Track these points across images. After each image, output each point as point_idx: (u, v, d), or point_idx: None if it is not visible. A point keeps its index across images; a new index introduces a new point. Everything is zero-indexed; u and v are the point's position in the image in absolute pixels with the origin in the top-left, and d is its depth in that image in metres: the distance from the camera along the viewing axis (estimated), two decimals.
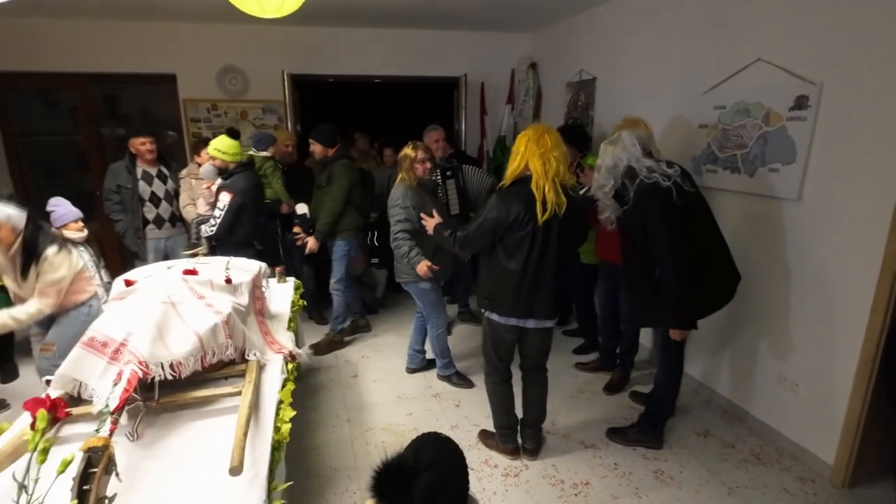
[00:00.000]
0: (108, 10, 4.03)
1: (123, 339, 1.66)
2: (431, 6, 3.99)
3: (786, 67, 2.49)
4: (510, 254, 2.24)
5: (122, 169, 3.72)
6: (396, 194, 2.97)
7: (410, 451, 1.14)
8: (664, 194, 2.22)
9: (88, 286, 2.74)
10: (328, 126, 3.58)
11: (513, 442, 2.59)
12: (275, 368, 1.99)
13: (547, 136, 2.17)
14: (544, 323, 2.37)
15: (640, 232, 2.29)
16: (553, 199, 2.13)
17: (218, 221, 3.15)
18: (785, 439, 2.64)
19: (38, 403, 1.27)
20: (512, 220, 2.17)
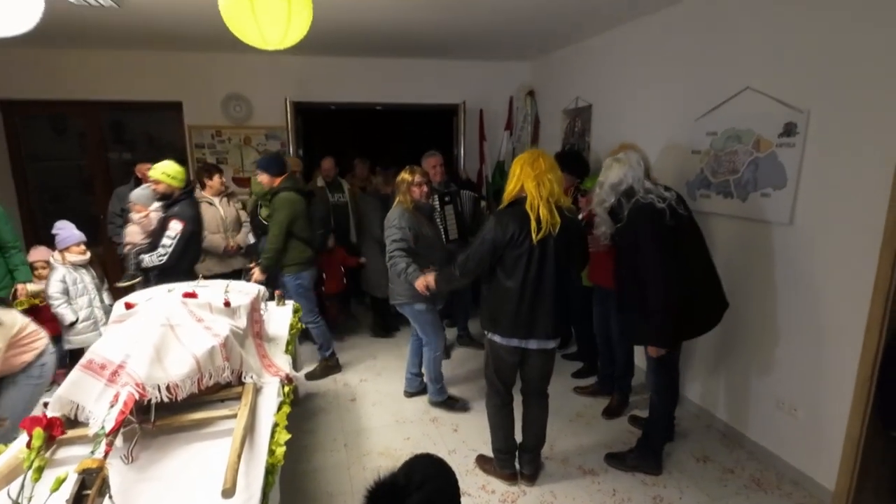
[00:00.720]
0: (117, 41, 4.16)
1: (122, 361, 1.68)
2: (431, 37, 4.12)
3: (774, 95, 2.56)
4: (508, 273, 2.28)
5: (127, 193, 3.79)
6: (392, 216, 3.01)
7: (402, 471, 1.15)
8: (657, 215, 2.27)
9: (35, 341, 2.34)
10: (274, 155, 3.57)
11: (510, 467, 2.57)
12: (271, 391, 2.00)
13: (541, 159, 2.24)
14: (546, 343, 2.37)
15: (632, 249, 2.33)
16: (547, 218, 2.18)
17: (169, 250, 3.13)
18: (785, 464, 2.61)
19: (35, 422, 1.29)
20: (508, 239, 2.22)
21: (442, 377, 3.29)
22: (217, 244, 3.75)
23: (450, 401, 3.28)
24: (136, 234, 3.47)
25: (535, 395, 2.52)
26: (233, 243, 3.83)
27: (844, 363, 2.31)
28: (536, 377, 2.48)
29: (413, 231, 2.95)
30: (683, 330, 2.44)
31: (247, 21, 1.98)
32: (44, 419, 1.34)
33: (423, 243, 3.00)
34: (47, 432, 1.29)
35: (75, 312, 3.36)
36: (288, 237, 3.40)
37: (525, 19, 3.60)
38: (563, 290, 2.32)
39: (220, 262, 3.82)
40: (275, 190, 3.43)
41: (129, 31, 3.80)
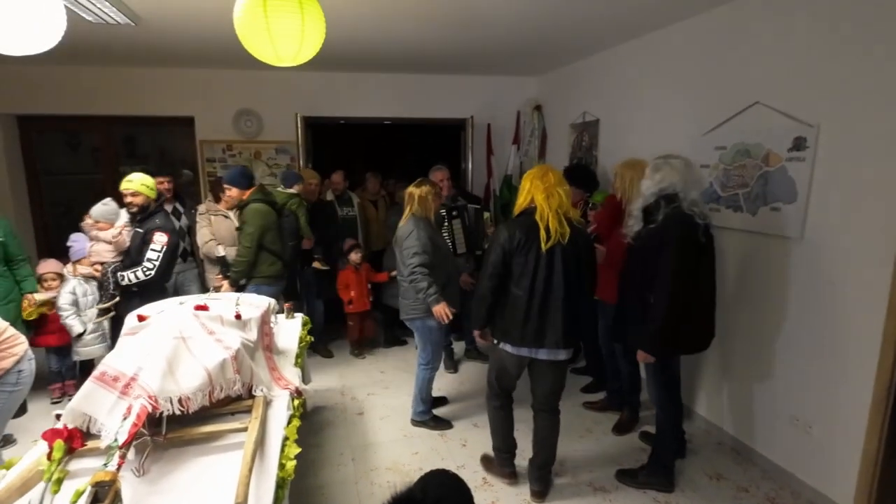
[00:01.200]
0: (132, 58, 4.25)
1: (134, 373, 1.69)
2: (439, 53, 4.17)
3: (783, 110, 2.56)
4: (517, 281, 2.32)
5: None
6: (408, 228, 2.96)
7: (419, 485, 1.14)
8: (693, 229, 2.27)
9: (13, 347, 2.22)
10: (241, 168, 3.56)
11: (510, 465, 2.63)
12: (281, 405, 2.00)
13: (550, 174, 2.33)
14: (557, 354, 2.36)
15: (653, 252, 2.30)
16: (556, 228, 2.25)
17: (157, 264, 3.11)
18: (800, 483, 2.57)
19: (56, 434, 1.29)
20: (516, 245, 2.28)
21: (430, 398, 3.25)
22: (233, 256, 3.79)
23: (432, 421, 3.22)
24: (105, 251, 3.35)
25: (545, 410, 2.51)
26: None
27: (859, 379, 2.27)
28: (547, 392, 2.47)
29: (430, 239, 2.95)
30: (677, 344, 2.44)
31: (261, 38, 2.01)
32: (65, 431, 1.35)
33: (438, 254, 2.99)
34: (67, 444, 1.29)
35: (84, 324, 3.39)
36: (258, 250, 3.38)
37: (533, 35, 3.65)
38: (573, 301, 2.33)
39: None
40: (245, 202, 3.42)
41: (144, 48, 3.88)
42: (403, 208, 3.12)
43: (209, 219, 3.84)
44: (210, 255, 3.79)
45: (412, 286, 2.93)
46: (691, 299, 2.32)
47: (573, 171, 3.81)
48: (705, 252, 2.34)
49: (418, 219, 2.99)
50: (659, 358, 2.42)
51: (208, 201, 3.99)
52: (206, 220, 3.85)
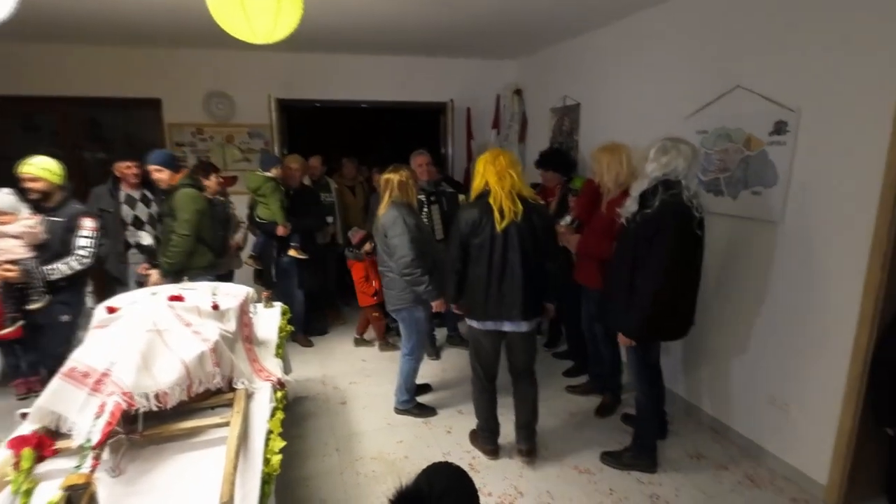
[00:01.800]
0: (93, 36, 4.01)
1: (106, 368, 1.60)
2: (418, 34, 4.07)
3: (764, 94, 2.57)
4: (475, 260, 2.47)
5: (105, 193, 3.63)
6: (391, 215, 2.86)
7: (424, 479, 1.11)
8: (690, 220, 2.25)
9: None
10: (167, 151, 3.36)
11: (492, 443, 2.75)
12: (263, 397, 1.94)
13: (502, 157, 2.47)
14: (519, 325, 2.51)
15: (649, 238, 2.28)
16: (510, 207, 2.38)
17: (92, 250, 2.95)
18: (778, 460, 2.64)
19: (24, 442, 1.19)
20: (470, 228, 2.43)
21: (414, 388, 3.22)
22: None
23: (415, 409, 3.20)
24: (18, 246, 2.79)
25: (522, 375, 2.69)
26: (233, 243, 3.74)
27: (835, 359, 2.33)
28: (521, 360, 2.65)
29: (416, 223, 2.90)
30: (659, 330, 2.45)
31: (235, 13, 1.90)
32: (34, 438, 1.25)
33: (423, 238, 2.92)
34: (37, 452, 1.20)
35: None
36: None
37: (513, 16, 3.58)
38: (531, 274, 2.46)
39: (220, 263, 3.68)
40: (175, 186, 3.23)
41: (106, 25, 3.66)
42: (381, 195, 3.02)
43: None
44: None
45: (409, 282, 2.86)
46: (680, 289, 2.33)
47: (550, 156, 3.79)
48: (698, 244, 2.34)
49: (400, 205, 2.91)
50: (641, 342, 2.44)
51: None
52: None
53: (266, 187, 3.76)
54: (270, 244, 3.93)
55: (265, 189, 3.76)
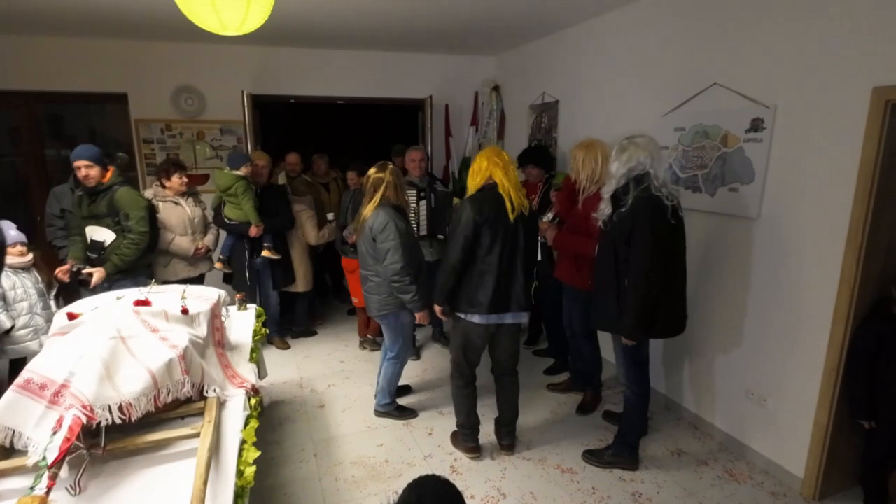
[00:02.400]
0: (55, 26, 3.83)
1: (65, 379, 1.51)
2: (395, 28, 3.99)
3: (740, 91, 2.59)
4: (487, 251, 2.42)
5: (66, 192, 3.44)
6: (382, 219, 2.69)
7: (412, 493, 1.05)
8: (662, 211, 2.25)
9: None
10: (94, 146, 3.11)
11: (472, 441, 2.73)
12: (236, 405, 1.85)
13: (503, 153, 2.50)
14: (520, 316, 2.55)
15: (626, 237, 2.29)
16: (519, 201, 2.42)
17: None
18: (755, 454, 2.67)
19: None
20: (484, 219, 2.38)
21: (396, 391, 3.16)
22: (186, 247, 3.49)
23: (395, 411, 3.14)
24: None
25: (506, 373, 2.70)
26: (201, 245, 3.58)
27: (811, 353, 2.37)
28: (508, 355, 2.66)
29: (406, 229, 2.78)
30: (655, 326, 2.44)
31: (203, 4, 1.81)
32: None
33: (410, 242, 2.80)
34: None
35: (12, 319, 3.06)
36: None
37: (491, 12, 3.54)
38: (531, 266, 2.55)
39: (188, 266, 3.57)
40: (111, 183, 3.09)
41: (68, 15, 3.49)
42: (366, 193, 2.84)
43: (158, 205, 3.46)
44: (159, 245, 3.43)
45: (397, 289, 2.75)
46: (666, 282, 2.32)
47: (534, 151, 3.77)
48: (676, 233, 2.34)
49: (390, 207, 2.76)
50: (641, 340, 2.44)
51: (156, 186, 3.58)
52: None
53: (237, 186, 3.60)
54: (241, 246, 3.78)
55: (237, 188, 3.60)
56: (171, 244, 3.44)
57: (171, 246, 3.45)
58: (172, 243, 3.45)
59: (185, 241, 3.51)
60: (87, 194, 3.09)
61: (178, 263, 3.54)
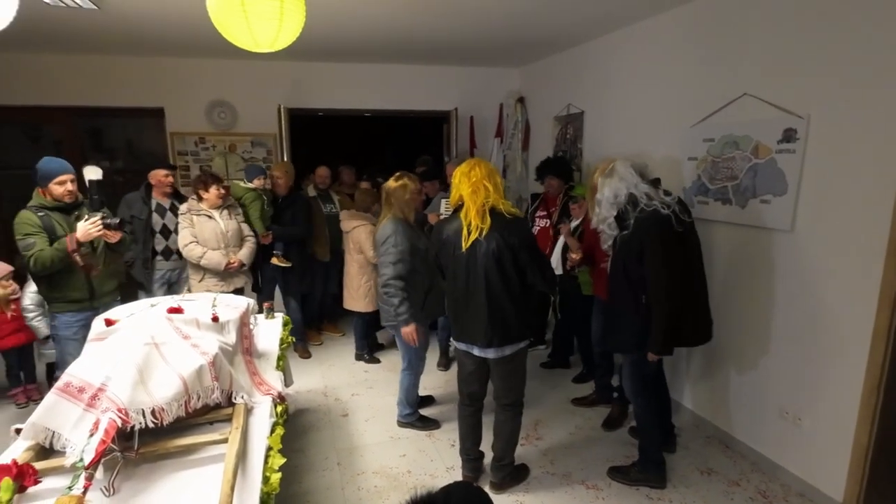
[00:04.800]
0: (96, 45, 4.01)
1: (102, 383, 1.56)
2: (421, 43, 4.05)
3: (772, 101, 2.54)
4: (447, 278, 2.41)
5: (137, 199, 3.57)
6: (385, 231, 2.79)
7: (441, 493, 1.06)
8: (664, 222, 2.24)
9: None
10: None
11: (468, 469, 2.60)
12: (263, 412, 1.89)
13: (477, 168, 2.29)
14: (486, 352, 2.34)
15: (635, 257, 2.29)
16: (477, 224, 2.21)
17: None
18: (790, 475, 2.57)
19: (3, 472, 1.13)
20: (440, 245, 2.37)
21: (416, 401, 3.17)
22: (217, 261, 3.45)
23: (418, 422, 3.14)
24: None
25: (499, 405, 2.50)
26: (234, 259, 3.53)
27: (849, 371, 2.27)
28: (498, 387, 2.46)
29: (410, 244, 2.79)
30: (680, 338, 2.41)
31: (237, 22, 1.88)
32: (13, 467, 1.19)
33: (418, 257, 2.83)
34: (17, 483, 1.14)
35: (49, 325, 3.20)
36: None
37: (517, 26, 3.56)
38: (498, 299, 2.24)
39: (221, 281, 3.54)
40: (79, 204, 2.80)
41: (109, 35, 3.66)
42: (383, 204, 2.94)
43: (191, 219, 3.48)
44: (190, 259, 3.45)
45: (385, 297, 2.79)
46: (685, 291, 2.30)
47: (553, 163, 3.76)
48: (685, 240, 2.31)
49: (397, 221, 2.81)
50: (667, 353, 2.39)
51: (192, 199, 3.57)
52: (187, 221, 3.48)
53: (246, 197, 3.80)
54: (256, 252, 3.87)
55: (245, 198, 3.79)
56: (202, 258, 3.42)
57: (202, 260, 3.42)
58: (204, 257, 3.42)
59: (217, 255, 3.47)
60: (62, 211, 2.72)
61: (211, 279, 3.52)
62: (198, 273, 3.51)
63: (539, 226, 3.82)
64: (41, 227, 2.61)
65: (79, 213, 2.75)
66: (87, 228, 2.57)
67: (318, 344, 4.49)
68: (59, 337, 2.79)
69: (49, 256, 2.55)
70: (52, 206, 2.69)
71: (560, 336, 4.05)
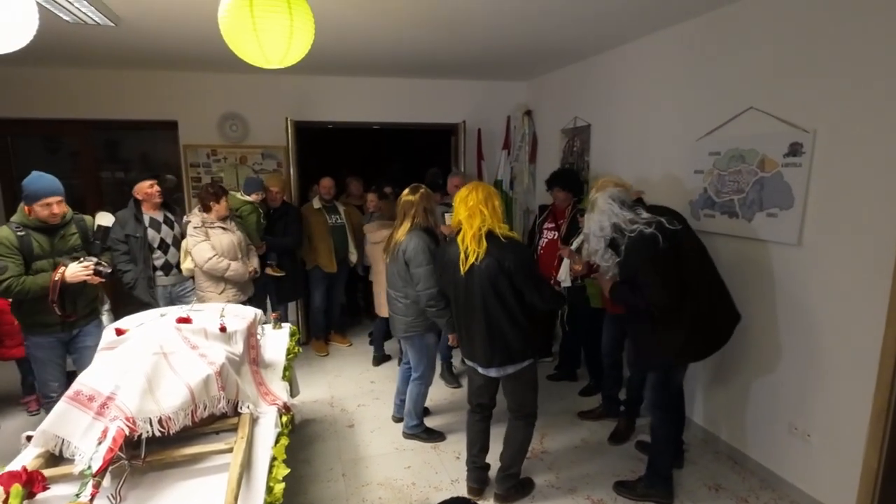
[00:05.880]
0: (112, 60, 4.12)
1: (111, 392, 1.59)
2: (428, 57, 4.11)
3: (778, 115, 2.54)
4: (451, 300, 2.50)
5: (129, 217, 3.44)
6: (415, 243, 2.73)
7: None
8: (649, 240, 2.25)
9: None
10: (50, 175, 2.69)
11: (472, 480, 2.62)
12: (268, 422, 1.91)
13: (474, 192, 2.32)
14: (488, 371, 2.40)
15: (634, 284, 2.33)
16: (474, 249, 2.25)
17: None
18: (799, 492, 2.53)
19: (12, 478, 1.16)
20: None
21: (423, 412, 3.18)
22: (242, 272, 3.51)
23: (424, 433, 3.14)
24: None
25: (510, 413, 2.53)
26: (251, 268, 3.62)
27: (858, 387, 2.24)
28: (509, 401, 2.51)
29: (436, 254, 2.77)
30: (699, 348, 2.40)
31: (248, 38, 1.93)
32: (23, 474, 1.22)
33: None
34: (27, 489, 1.17)
35: None
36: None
37: (524, 41, 3.60)
38: (497, 319, 2.28)
39: (239, 291, 3.59)
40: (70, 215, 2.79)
41: (125, 50, 3.76)
42: (398, 216, 2.90)
43: (206, 231, 3.47)
44: (215, 272, 3.44)
45: (432, 314, 2.75)
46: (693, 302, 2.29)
47: (561, 175, 3.76)
48: (679, 247, 2.31)
49: (423, 231, 2.79)
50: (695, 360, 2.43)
51: (199, 211, 3.55)
52: (203, 234, 3.45)
53: (244, 209, 3.93)
54: None
55: (242, 211, 3.92)
56: (228, 271, 3.43)
57: (228, 273, 3.43)
58: (229, 270, 3.43)
59: (240, 266, 3.50)
60: (44, 231, 2.62)
61: (230, 290, 3.53)
62: (217, 285, 3.49)
63: (547, 238, 3.81)
64: (17, 248, 2.53)
65: (64, 233, 2.67)
66: (78, 272, 2.53)
67: (324, 355, 4.51)
68: (32, 357, 2.69)
69: (28, 290, 2.49)
70: (35, 225, 2.59)
71: (567, 349, 4.04)
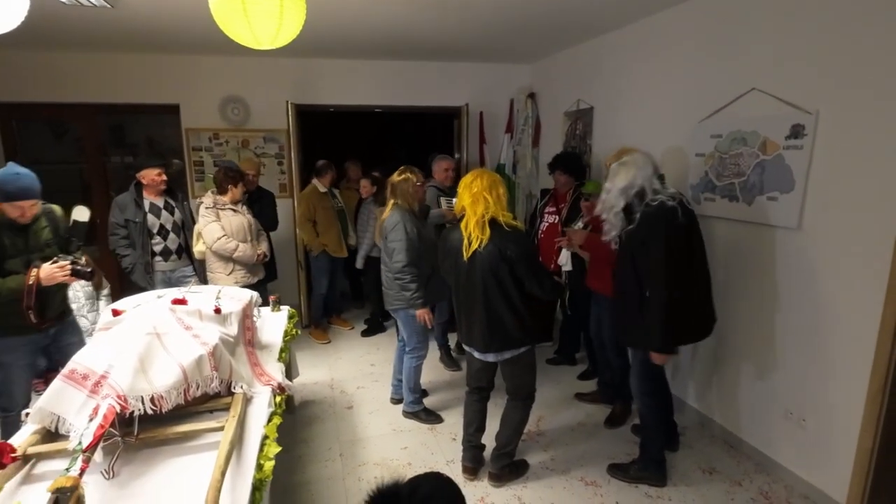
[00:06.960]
0: (113, 43, 4.12)
1: (105, 371, 1.63)
2: (431, 39, 4.06)
3: (780, 97, 2.49)
4: (452, 285, 2.50)
5: (129, 201, 3.41)
6: (393, 220, 2.90)
7: (408, 484, 1.08)
8: (670, 214, 2.22)
9: None
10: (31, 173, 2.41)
11: (468, 460, 2.64)
12: (262, 401, 1.94)
13: (479, 179, 2.32)
14: (485, 356, 2.43)
15: (641, 250, 2.28)
16: (477, 236, 2.27)
17: None
18: (794, 476, 2.53)
19: None
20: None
21: (420, 387, 3.22)
22: (250, 254, 3.48)
23: (423, 413, 3.19)
24: None
25: (509, 395, 2.57)
26: (260, 251, 3.61)
27: (854, 372, 2.23)
28: (507, 381, 2.54)
29: (417, 231, 2.91)
30: (683, 335, 2.39)
31: (238, 20, 1.92)
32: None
33: (423, 244, 2.94)
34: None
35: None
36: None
37: (526, 21, 3.54)
38: (497, 305, 2.30)
39: (248, 273, 3.58)
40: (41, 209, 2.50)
41: (123, 33, 3.75)
42: (387, 197, 3.06)
43: (217, 213, 3.45)
44: (223, 253, 3.43)
45: (400, 283, 2.90)
46: (689, 287, 2.28)
47: (563, 159, 3.73)
48: (691, 231, 2.29)
49: (403, 210, 2.94)
50: (672, 352, 2.36)
51: (213, 193, 3.52)
52: (214, 214, 3.43)
53: None
54: None
55: None
56: (235, 252, 3.41)
57: (235, 254, 3.41)
58: (237, 251, 3.41)
59: (249, 248, 3.49)
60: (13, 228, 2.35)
61: (239, 271, 3.52)
62: (226, 266, 3.48)
63: (547, 222, 3.79)
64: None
65: (35, 228, 2.42)
66: (54, 272, 2.25)
67: (325, 342, 4.51)
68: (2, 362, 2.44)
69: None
70: (4, 221, 2.33)
71: (567, 332, 4.04)
